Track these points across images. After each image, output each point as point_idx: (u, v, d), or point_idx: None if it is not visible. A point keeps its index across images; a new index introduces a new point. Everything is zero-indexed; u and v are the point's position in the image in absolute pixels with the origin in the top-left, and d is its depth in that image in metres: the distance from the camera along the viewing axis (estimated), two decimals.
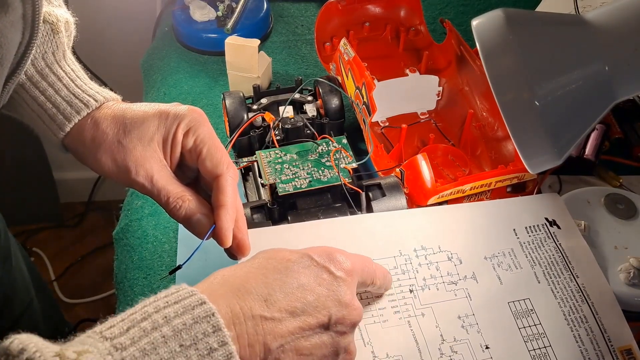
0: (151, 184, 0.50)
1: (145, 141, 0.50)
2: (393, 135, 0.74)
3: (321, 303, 0.40)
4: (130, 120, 0.51)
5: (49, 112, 0.52)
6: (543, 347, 0.51)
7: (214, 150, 0.51)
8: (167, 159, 0.51)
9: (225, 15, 0.93)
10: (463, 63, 0.76)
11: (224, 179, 0.50)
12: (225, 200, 0.49)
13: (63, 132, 0.52)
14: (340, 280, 0.42)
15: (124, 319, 0.35)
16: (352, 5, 0.83)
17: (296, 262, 0.42)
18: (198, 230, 0.49)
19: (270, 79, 0.87)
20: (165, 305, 0.36)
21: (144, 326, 0.34)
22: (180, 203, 0.49)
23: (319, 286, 0.41)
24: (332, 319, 0.40)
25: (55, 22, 0.53)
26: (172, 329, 0.35)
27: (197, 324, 0.35)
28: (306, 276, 0.41)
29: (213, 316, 0.36)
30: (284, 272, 0.41)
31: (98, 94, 0.54)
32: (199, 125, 0.51)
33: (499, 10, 0.52)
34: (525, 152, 0.52)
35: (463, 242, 0.57)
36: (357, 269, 0.44)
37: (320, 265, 0.42)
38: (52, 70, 0.53)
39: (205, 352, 0.35)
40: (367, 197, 0.59)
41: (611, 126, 0.76)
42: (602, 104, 0.52)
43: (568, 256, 0.57)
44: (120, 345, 0.33)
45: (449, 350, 0.50)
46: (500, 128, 0.71)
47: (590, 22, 0.51)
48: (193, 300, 0.36)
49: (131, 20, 1.28)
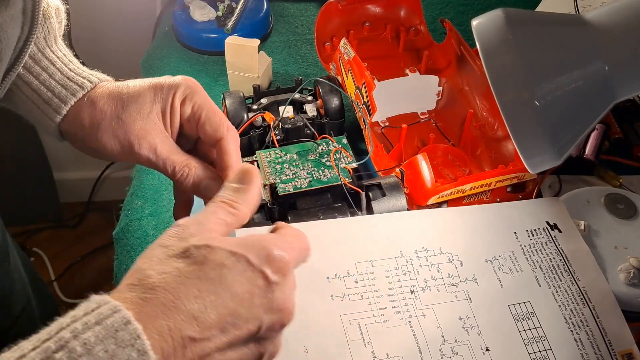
0: (155, 156, 0.49)
1: (144, 114, 0.50)
2: (393, 135, 0.74)
3: (253, 314, 0.38)
4: (126, 95, 0.51)
5: (44, 96, 0.52)
6: (543, 350, 0.51)
7: (212, 114, 0.51)
8: (168, 129, 0.51)
9: (225, 15, 0.93)
10: (463, 63, 0.76)
11: (226, 141, 0.50)
12: (231, 161, 0.50)
13: (60, 115, 0.52)
14: (274, 285, 0.39)
15: (36, 348, 0.31)
16: (352, 5, 0.83)
17: (231, 269, 0.38)
18: (209, 195, 0.49)
19: (270, 79, 0.87)
20: (84, 328, 0.32)
21: (60, 358, 0.30)
22: (187, 171, 0.49)
23: (252, 295, 0.38)
24: (262, 328, 0.38)
25: (46, 8, 0.53)
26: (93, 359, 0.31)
27: (120, 349, 0.32)
28: (240, 284, 0.37)
29: (138, 338, 0.32)
30: (218, 282, 0.37)
31: (92, 75, 0.53)
32: (194, 92, 0.51)
33: (499, 10, 0.52)
34: (525, 152, 0.52)
35: (464, 244, 0.57)
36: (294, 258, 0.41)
37: (256, 269, 0.38)
38: (44, 54, 0.53)
39: None
40: (367, 197, 0.59)
41: (611, 126, 0.76)
42: (602, 104, 0.52)
43: (569, 260, 0.57)
44: None
45: (449, 351, 0.50)
46: (500, 128, 0.71)
47: (590, 22, 0.51)
48: (116, 320, 0.32)
49: (131, 20, 1.28)
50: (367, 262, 0.54)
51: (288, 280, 0.40)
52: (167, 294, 0.35)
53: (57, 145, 1.56)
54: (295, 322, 0.49)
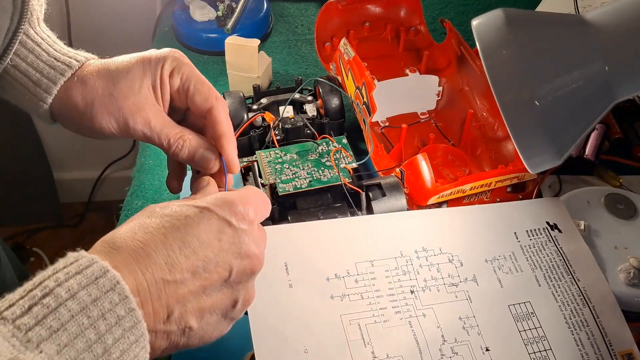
0: (150, 130, 0.50)
1: (135, 89, 0.51)
2: (393, 135, 0.74)
3: (222, 258, 0.40)
4: (115, 71, 0.51)
5: (33, 78, 0.52)
6: (543, 350, 0.51)
7: (200, 85, 0.52)
8: (160, 102, 0.52)
9: (225, 15, 0.93)
10: (463, 63, 0.76)
11: (217, 110, 0.51)
12: (223, 129, 0.51)
13: (50, 96, 0.52)
14: (241, 232, 0.41)
15: (24, 297, 0.33)
16: (352, 5, 0.83)
17: (196, 219, 0.40)
18: (205, 165, 0.51)
19: (270, 79, 0.87)
20: (67, 278, 0.34)
21: (47, 302, 0.32)
22: (182, 142, 0.51)
23: (220, 241, 0.40)
24: (233, 273, 0.40)
25: None
26: (78, 303, 0.33)
27: (103, 295, 0.34)
28: (206, 232, 0.39)
29: (118, 284, 0.35)
30: (184, 229, 0.39)
31: (78, 54, 0.54)
32: (181, 64, 0.52)
33: (499, 10, 0.52)
34: (525, 152, 0.52)
35: (464, 244, 0.57)
36: (258, 213, 0.43)
37: (221, 218, 0.40)
38: (29, 36, 0.53)
39: (114, 321, 0.34)
40: (367, 197, 0.59)
41: (611, 126, 0.76)
42: (602, 104, 0.52)
43: (569, 260, 0.57)
44: (24, 327, 0.32)
45: (449, 351, 0.50)
46: (500, 128, 0.71)
47: (590, 22, 0.51)
48: (95, 270, 0.34)
49: (131, 20, 1.28)
50: (367, 262, 0.54)
51: (254, 228, 0.42)
52: (136, 242, 0.37)
53: (57, 145, 1.57)
54: (295, 322, 0.49)
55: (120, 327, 0.34)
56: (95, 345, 0.33)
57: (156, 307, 0.37)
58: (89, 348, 0.33)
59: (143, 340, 0.35)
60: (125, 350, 0.34)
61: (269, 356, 0.47)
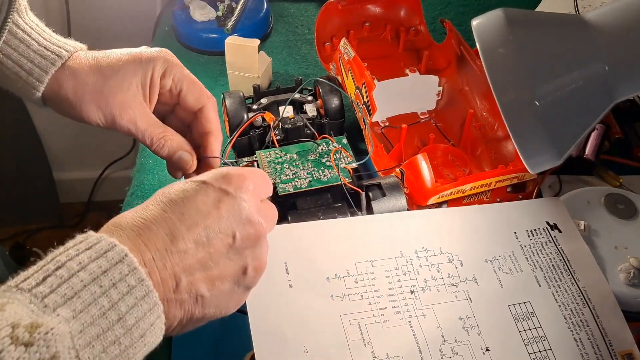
0: (135, 127, 0.54)
1: (124, 88, 0.53)
2: (393, 135, 0.74)
3: (224, 225, 0.40)
4: (106, 68, 0.54)
5: (25, 67, 0.54)
6: (543, 350, 0.51)
7: (192, 86, 0.56)
8: (147, 101, 0.55)
9: (225, 15, 0.93)
10: (463, 63, 0.76)
11: (207, 108, 0.56)
12: (212, 127, 0.56)
13: (42, 84, 0.54)
14: (239, 198, 0.42)
15: (38, 270, 0.35)
16: (352, 5, 0.83)
17: (191, 190, 0.41)
18: (182, 165, 0.55)
19: (270, 79, 0.87)
20: (77, 253, 0.36)
21: (60, 274, 0.34)
22: (163, 142, 0.54)
23: (219, 210, 0.41)
24: (237, 238, 0.41)
25: None
26: (89, 274, 0.35)
27: (113, 267, 0.36)
28: (205, 203, 0.41)
29: (127, 257, 0.36)
30: (181, 203, 0.40)
31: (67, 44, 0.56)
32: (172, 66, 0.55)
33: (499, 10, 0.52)
34: (525, 152, 0.52)
35: (464, 244, 0.57)
36: (257, 187, 0.44)
37: (216, 188, 0.42)
38: (19, 26, 0.55)
39: (125, 290, 0.35)
40: (367, 197, 0.59)
41: (611, 126, 0.76)
42: (602, 104, 0.52)
43: (569, 260, 0.57)
44: (40, 294, 0.33)
45: (449, 351, 0.50)
46: (500, 128, 0.71)
47: (590, 22, 0.51)
48: (104, 245, 0.36)
49: (131, 20, 1.28)
50: (367, 262, 0.54)
51: (253, 196, 0.43)
52: (137, 220, 0.39)
53: (57, 145, 1.57)
54: (295, 322, 0.49)
55: (132, 295, 0.36)
56: (110, 312, 0.35)
57: (164, 277, 0.38)
58: (103, 315, 0.34)
59: (157, 309, 0.37)
60: (140, 318, 0.36)
61: (269, 356, 0.47)
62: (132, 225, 0.39)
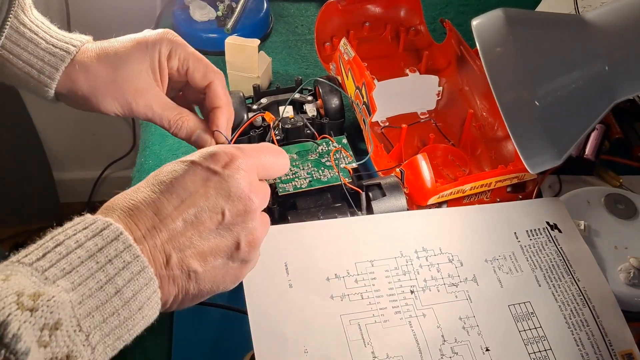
0: (152, 112, 0.55)
1: (135, 74, 0.54)
2: (393, 135, 0.74)
3: (212, 203, 0.41)
4: (114, 57, 0.55)
5: (36, 66, 0.55)
6: (543, 350, 0.51)
7: (198, 63, 0.56)
8: (159, 84, 0.56)
9: (225, 15, 0.93)
10: (463, 63, 0.76)
11: (215, 84, 0.56)
12: (220, 102, 0.56)
13: (54, 81, 0.55)
14: (227, 176, 0.42)
15: (38, 248, 0.37)
16: (352, 5, 0.83)
17: (179, 170, 0.42)
18: (201, 145, 0.56)
19: (270, 79, 0.87)
20: (75, 233, 0.37)
21: (59, 250, 0.36)
22: (180, 124, 0.55)
23: (207, 187, 0.41)
24: (226, 215, 0.41)
25: None
26: (86, 251, 0.37)
27: (108, 244, 0.37)
28: (192, 181, 0.42)
29: (121, 234, 0.38)
30: (169, 182, 0.41)
31: (73, 39, 0.57)
32: (177, 45, 0.56)
33: (499, 10, 0.52)
34: (525, 152, 0.52)
35: (464, 244, 0.57)
36: (247, 163, 0.44)
37: (204, 167, 0.42)
38: (25, 26, 0.56)
39: (121, 265, 0.37)
40: (367, 197, 0.59)
41: (611, 126, 0.76)
42: (602, 104, 0.52)
43: (569, 260, 0.57)
44: (40, 268, 0.35)
45: (449, 351, 0.50)
46: (500, 128, 0.71)
47: (590, 22, 0.51)
48: (99, 224, 0.38)
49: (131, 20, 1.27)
50: (367, 262, 0.54)
51: (245, 173, 0.43)
52: (127, 201, 0.40)
53: (57, 145, 1.57)
54: (295, 322, 0.49)
55: (128, 270, 0.37)
56: (107, 286, 0.36)
57: (154, 254, 0.39)
58: (100, 288, 0.36)
59: (153, 284, 0.38)
60: (137, 292, 0.37)
61: (269, 356, 0.47)
62: (123, 206, 0.40)
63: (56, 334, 0.33)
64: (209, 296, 0.43)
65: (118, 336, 0.37)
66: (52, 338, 0.33)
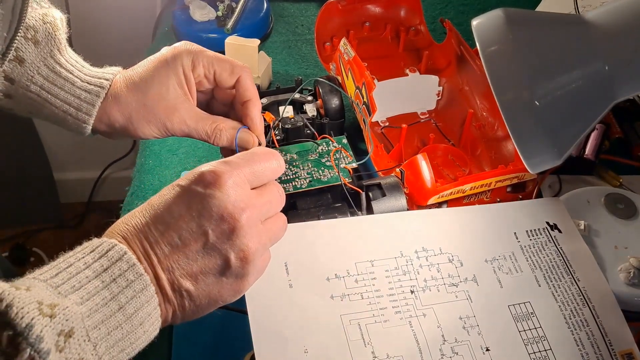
0: (188, 127, 0.56)
1: (163, 94, 0.55)
2: (393, 135, 0.74)
3: (194, 225, 0.42)
4: (140, 82, 0.56)
5: (73, 104, 0.57)
6: (543, 350, 0.51)
7: (223, 63, 0.57)
8: (188, 97, 0.56)
9: (225, 15, 0.93)
10: (463, 63, 0.76)
11: (243, 78, 0.57)
12: (250, 95, 0.57)
13: (92, 117, 0.57)
14: (209, 196, 0.43)
15: (51, 268, 0.40)
16: (352, 5, 0.83)
17: (168, 195, 0.44)
18: (245, 146, 0.57)
19: (270, 79, 0.87)
20: (83, 256, 0.41)
21: (70, 270, 0.40)
22: (218, 133, 0.56)
23: (190, 210, 0.43)
24: (210, 235, 0.42)
25: (52, 21, 0.57)
26: (93, 271, 0.40)
27: (113, 265, 0.40)
28: (177, 205, 0.43)
29: (125, 254, 0.41)
30: (157, 208, 0.43)
31: (105, 73, 0.58)
32: (197, 54, 0.56)
33: (499, 10, 0.52)
34: (525, 152, 0.52)
35: (464, 244, 0.57)
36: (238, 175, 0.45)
37: (190, 189, 0.43)
38: (62, 66, 0.57)
39: (124, 284, 0.40)
40: (367, 197, 0.59)
41: (611, 126, 0.76)
42: (602, 104, 0.52)
43: (569, 260, 0.57)
44: (54, 284, 0.39)
45: (449, 351, 0.50)
46: (500, 128, 0.71)
47: (590, 22, 0.51)
48: (105, 246, 0.41)
49: (131, 20, 1.28)
50: (367, 262, 0.54)
51: (224, 189, 0.43)
52: (123, 227, 0.43)
53: (57, 145, 1.57)
54: (295, 322, 0.49)
55: (131, 288, 0.40)
56: (111, 302, 0.39)
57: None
58: (105, 304, 0.39)
59: (154, 301, 0.41)
60: (139, 308, 0.40)
61: (269, 356, 0.47)
62: (120, 231, 0.43)
63: (70, 341, 0.37)
64: (211, 310, 0.45)
65: (121, 349, 0.40)
66: (67, 344, 0.36)
